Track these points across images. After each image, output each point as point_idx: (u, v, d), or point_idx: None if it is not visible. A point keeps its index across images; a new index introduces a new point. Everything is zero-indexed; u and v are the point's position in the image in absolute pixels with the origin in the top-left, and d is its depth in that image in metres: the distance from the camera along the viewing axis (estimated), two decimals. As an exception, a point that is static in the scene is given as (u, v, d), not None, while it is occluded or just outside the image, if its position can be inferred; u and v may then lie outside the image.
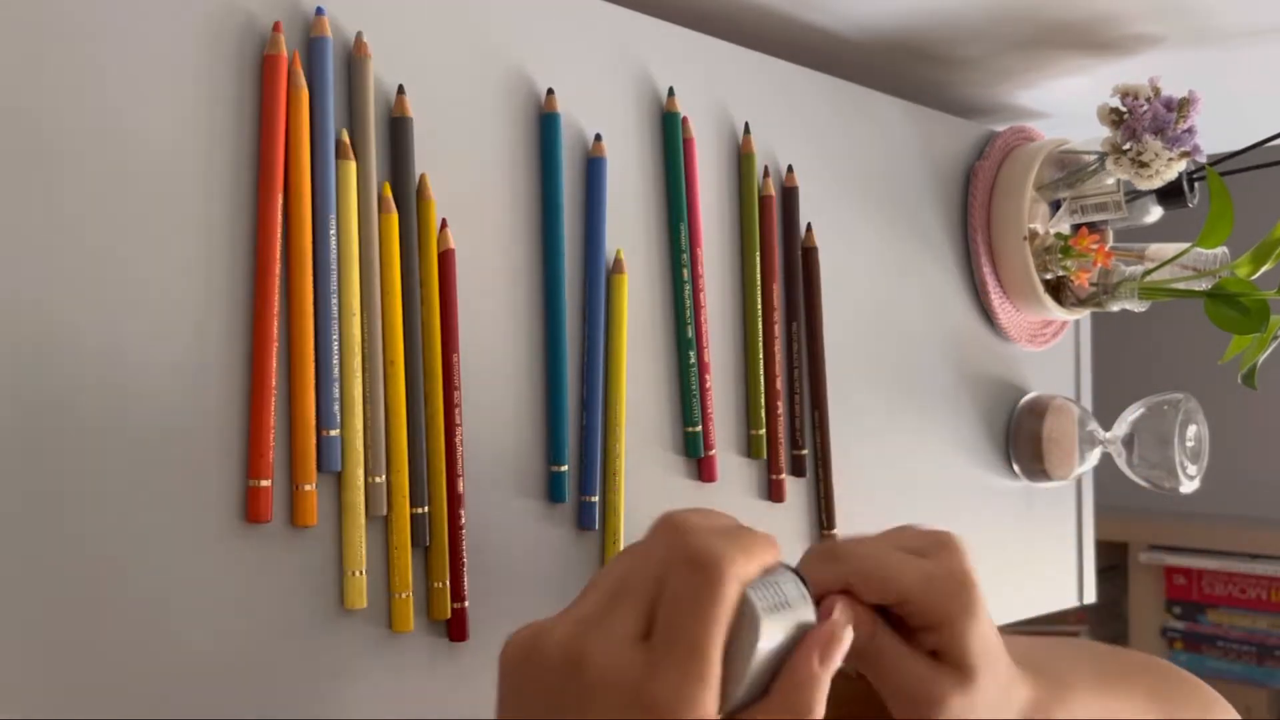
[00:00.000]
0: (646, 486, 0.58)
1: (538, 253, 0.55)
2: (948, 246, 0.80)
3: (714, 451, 0.61)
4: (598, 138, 0.57)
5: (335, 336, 0.46)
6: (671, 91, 0.60)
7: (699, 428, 0.60)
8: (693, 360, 0.60)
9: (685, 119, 0.61)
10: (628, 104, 0.60)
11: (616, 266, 0.57)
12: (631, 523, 0.58)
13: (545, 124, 0.55)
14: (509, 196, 0.54)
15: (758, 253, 0.65)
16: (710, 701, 0.34)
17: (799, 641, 0.38)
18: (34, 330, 0.40)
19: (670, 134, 0.60)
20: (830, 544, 0.43)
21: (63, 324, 0.40)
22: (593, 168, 0.57)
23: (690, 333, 0.60)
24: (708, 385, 0.61)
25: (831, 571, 0.42)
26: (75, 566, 0.40)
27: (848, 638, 0.38)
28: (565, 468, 0.55)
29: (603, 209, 0.57)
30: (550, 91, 0.55)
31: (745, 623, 0.36)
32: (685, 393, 0.60)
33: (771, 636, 0.37)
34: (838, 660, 0.38)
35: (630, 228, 0.59)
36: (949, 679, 0.42)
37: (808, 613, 0.39)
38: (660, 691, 0.34)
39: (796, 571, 0.39)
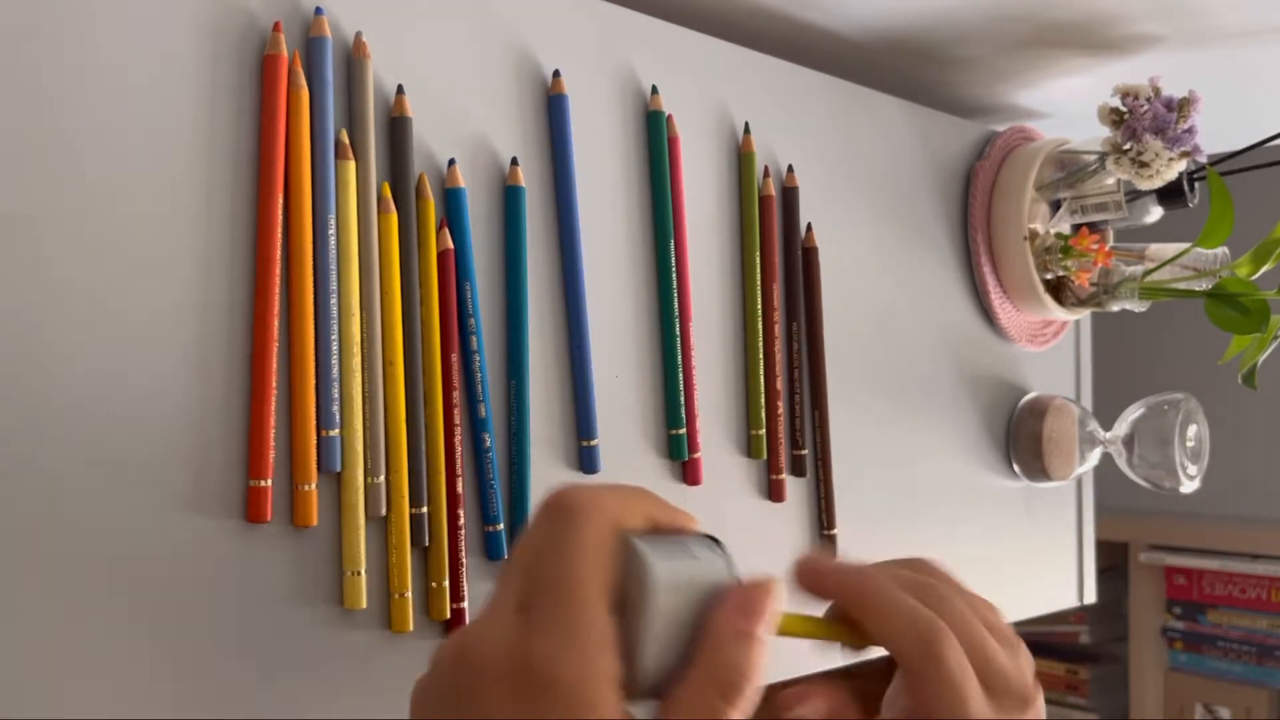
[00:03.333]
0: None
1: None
2: (948, 246, 0.80)
3: (699, 454, 0.61)
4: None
5: (335, 336, 0.46)
6: (655, 90, 0.60)
7: (683, 430, 0.60)
8: (678, 362, 0.60)
9: (670, 117, 0.61)
10: (626, 103, 0.60)
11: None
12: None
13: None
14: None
15: (758, 253, 0.65)
16: (597, 659, 0.31)
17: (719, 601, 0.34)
18: (34, 330, 0.40)
19: (655, 132, 0.60)
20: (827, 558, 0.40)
21: (63, 324, 0.40)
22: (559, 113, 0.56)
23: (675, 333, 0.60)
24: (693, 387, 0.61)
25: (819, 582, 0.38)
26: (75, 566, 0.40)
27: (778, 594, 0.34)
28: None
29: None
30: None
31: (636, 573, 0.32)
32: (670, 395, 0.60)
33: (672, 588, 0.32)
34: (764, 615, 0.33)
35: (616, 228, 0.59)
36: None
37: (724, 572, 0.35)
38: (537, 650, 0.30)
39: (714, 538, 0.36)
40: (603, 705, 0.30)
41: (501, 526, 0.52)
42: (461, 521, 0.50)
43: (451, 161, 0.52)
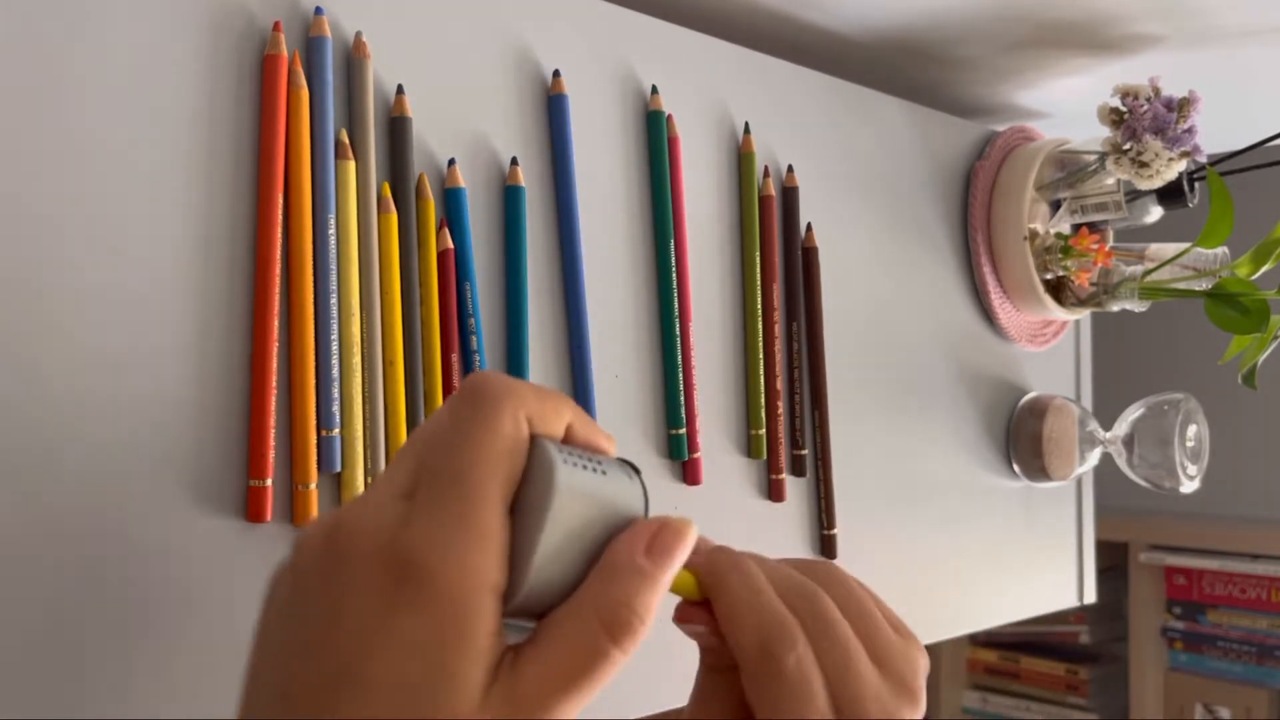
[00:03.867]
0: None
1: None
2: (948, 246, 0.80)
3: (699, 454, 0.61)
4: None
5: (335, 336, 0.46)
6: (655, 90, 0.60)
7: (683, 430, 0.60)
8: (678, 362, 0.60)
9: (670, 117, 0.61)
10: (626, 103, 0.60)
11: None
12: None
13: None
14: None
15: (758, 253, 0.65)
16: (481, 560, 0.27)
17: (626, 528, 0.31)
18: (34, 329, 0.40)
19: (655, 132, 0.60)
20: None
21: (63, 323, 0.40)
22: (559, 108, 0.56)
23: (675, 333, 0.60)
24: (693, 387, 0.61)
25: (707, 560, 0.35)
26: (75, 566, 0.40)
27: (690, 535, 0.31)
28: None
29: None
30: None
31: (539, 475, 0.29)
32: (670, 395, 0.60)
33: (575, 498, 0.29)
34: (672, 558, 0.30)
35: (616, 228, 0.59)
36: None
37: (636, 500, 0.32)
38: (416, 541, 0.27)
39: (634, 466, 0.33)
40: (476, 612, 0.27)
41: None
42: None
43: (451, 161, 0.52)
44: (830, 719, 0.33)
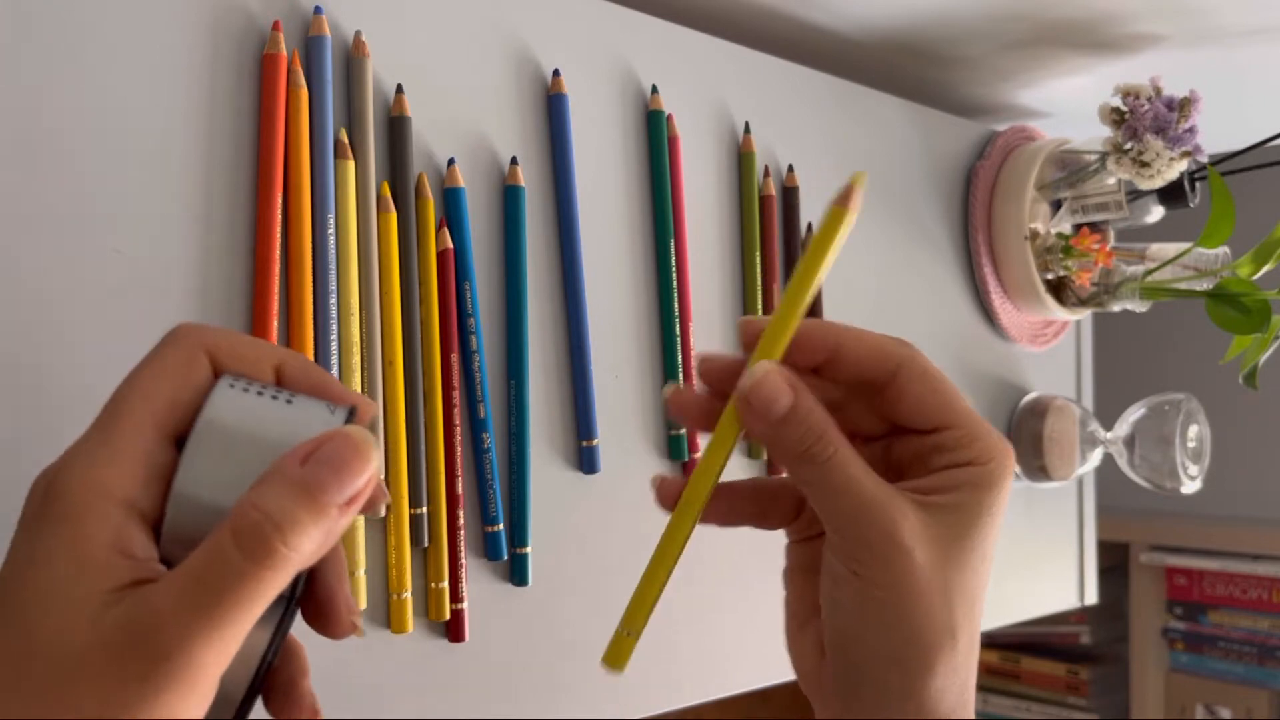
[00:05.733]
0: (630, 489, 0.58)
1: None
2: (949, 246, 0.80)
3: (699, 454, 0.60)
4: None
5: (335, 336, 0.46)
6: (655, 89, 0.60)
7: (683, 430, 0.60)
8: (678, 362, 0.60)
9: (670, 117, 0.61)
10: (626, 103, 0.60)
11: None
12: (617, 523, 0.58)
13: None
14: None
15: (758, 252, 0.65)
16: (105, 471, 0.26)
17: None
18: (34, 329, 0.39)
19: (655, 132, 0.60)
20: None
21: (62, 323, 0.40)
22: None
23: (675, 333, 0.60)
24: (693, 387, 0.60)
25: (754, 328, 0.33)
26: (74, 567, 0.40)
27: (366, 451, 0.27)
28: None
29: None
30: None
31: (205, 399, 0.28)
32: (675, 394, 0.60)
33: (232, 421, 0.27)
34: (339, 472, 0.26)
35: (616, 228, 0.59)
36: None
37: (321, 425, 0.28)
38: (56, 465, 0.27)
39: (353, 414, 0.29)
40: (94, 522, 0.26)
41: (501, 526, 0.52)
42: (461, 521, 0.50)
43: (451, 161, 0.52)
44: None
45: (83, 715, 0.24)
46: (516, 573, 0.52)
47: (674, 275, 0.60)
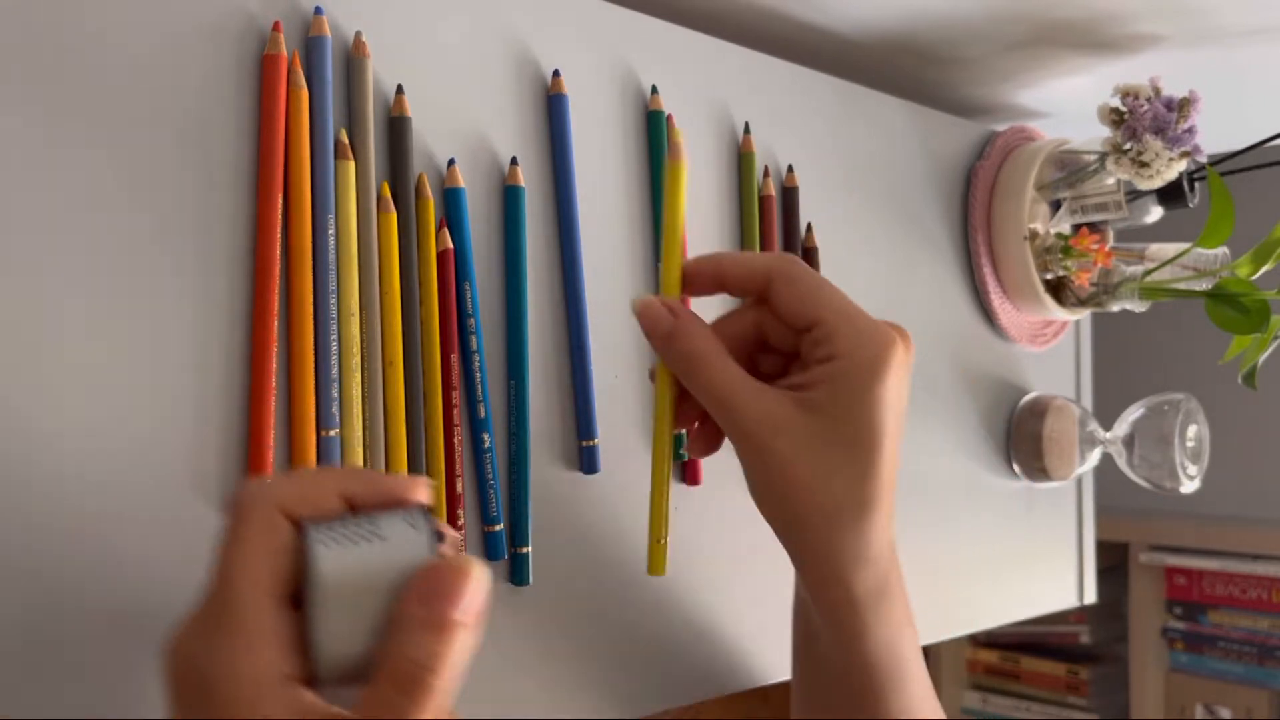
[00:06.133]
0: (629, 488, 0.58)
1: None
2: (948, 246, 0.80)
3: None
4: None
5: (335, 336, 0.46)
6: (655, 90, 0.60)
7: (683, 430, 0.59)
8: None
9: (670, 117, 0.61)
10: (626, 103, 0.60)
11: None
12: (615, 521, 0.58)
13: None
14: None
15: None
16: (249, 655, 0.29)
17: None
18: (33, 329, 0.40)
19: (655, 132, 0.60)
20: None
21: (61, 323, 0.40)
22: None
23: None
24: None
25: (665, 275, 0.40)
26: (75, 566, 0.40)
27: (478, 574, 0.31)
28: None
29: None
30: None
31: (304, 563, 0.30)
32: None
33: (342, 574, 0.30)
34: (452, 599, 0.30)
35: (616, 229, 0.59)
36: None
37: (420, 552, 0.31)
38: (191, 649, 0.30)
39: (428, 515, 0.33)
40: (261, 702, 0.28)
41: (501, 527, 0.52)
42: (461, 521, 0.50)
43: (451, 161, 0.52)
44: None
45: None
46: (517, 572, 0.52)
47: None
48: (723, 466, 0.63)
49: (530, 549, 0.53)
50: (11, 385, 0.39)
